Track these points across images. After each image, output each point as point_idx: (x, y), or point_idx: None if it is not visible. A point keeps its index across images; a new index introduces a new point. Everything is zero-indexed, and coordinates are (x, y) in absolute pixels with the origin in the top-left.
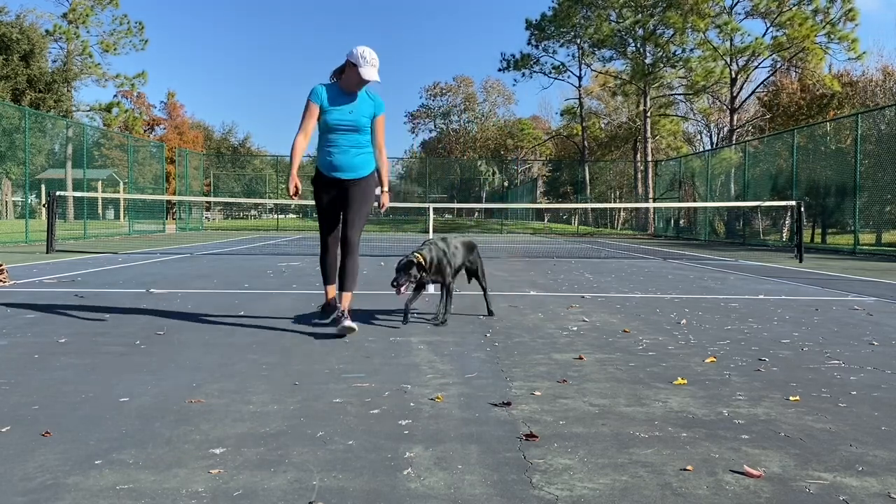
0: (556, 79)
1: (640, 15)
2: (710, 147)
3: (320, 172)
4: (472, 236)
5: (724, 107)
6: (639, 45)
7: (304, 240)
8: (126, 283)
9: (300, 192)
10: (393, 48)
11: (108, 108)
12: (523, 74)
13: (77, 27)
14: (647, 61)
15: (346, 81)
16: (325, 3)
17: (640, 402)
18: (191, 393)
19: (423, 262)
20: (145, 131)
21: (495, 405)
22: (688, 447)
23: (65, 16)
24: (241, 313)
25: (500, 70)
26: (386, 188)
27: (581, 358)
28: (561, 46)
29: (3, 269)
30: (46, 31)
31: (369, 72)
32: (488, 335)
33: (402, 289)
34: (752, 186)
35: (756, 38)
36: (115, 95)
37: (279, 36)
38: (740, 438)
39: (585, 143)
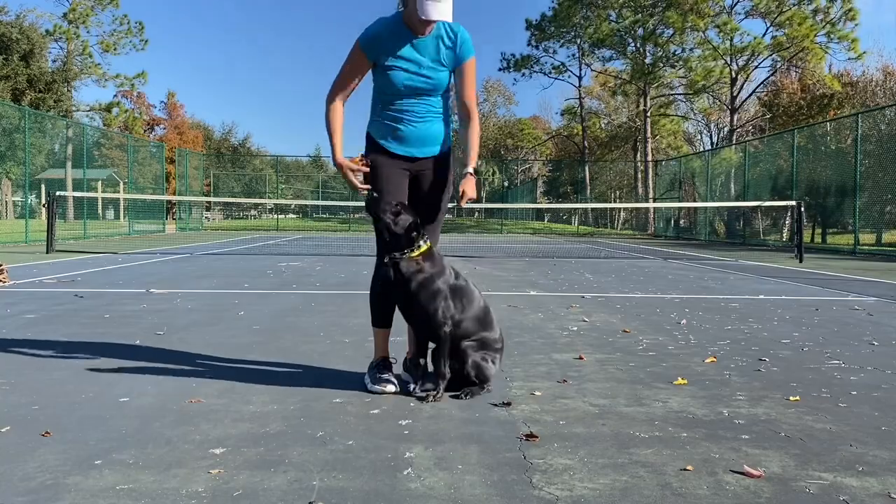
0: (556, 79)
1: (639, 15)
2: (710, 147)
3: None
4: (472, 236)
5: (725, 106)
6: (639, 45)
7: (305, 240)
8: (126, 283)
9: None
10: None
11: (108, 108)
12: (523, 74)
13: (77, 27)
14: (647, 61)
15: (408, 16)
16: None
17: (641, 402)
18: (191, 393)
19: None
20: (145, 131)
21: (495, 405)
22: (688, 447)
23: (65, 16)
24: (241, 313)
25: (500, 70)
26: (471, 168)
27: (581, 358)
28: (561, 46)
29: (3, 269)
30: (46, 30)
31: (433, 7)
32: None
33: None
34: (752, 186)
35: (755, 38)
36: (115, 95)
37: (279, 35)
38: (740, 438)
39: (585, 142)
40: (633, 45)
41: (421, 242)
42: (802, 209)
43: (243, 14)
